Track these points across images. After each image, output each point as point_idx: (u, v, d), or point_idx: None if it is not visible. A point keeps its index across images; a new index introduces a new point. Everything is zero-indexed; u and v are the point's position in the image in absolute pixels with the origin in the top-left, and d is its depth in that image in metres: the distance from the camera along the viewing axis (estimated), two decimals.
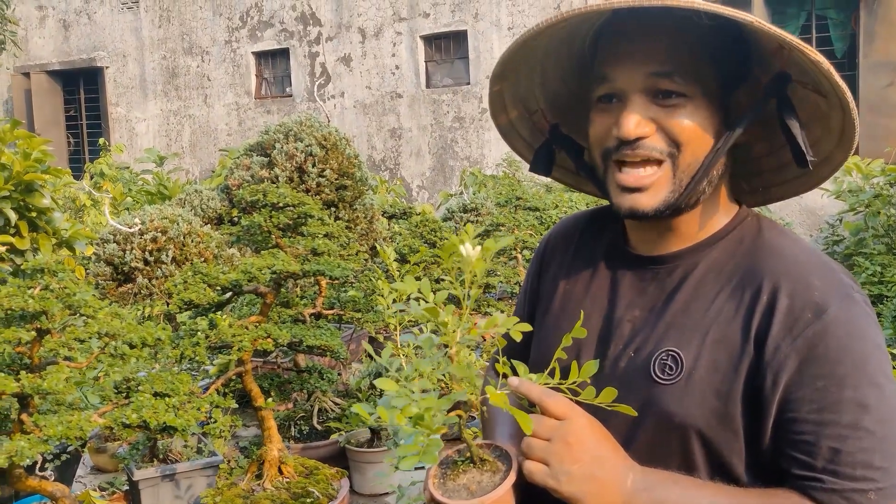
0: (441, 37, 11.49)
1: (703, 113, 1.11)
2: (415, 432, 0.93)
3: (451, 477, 1.07)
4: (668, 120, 1.11)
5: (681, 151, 1.11)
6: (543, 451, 1.04)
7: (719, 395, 1.08)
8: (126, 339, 2.25)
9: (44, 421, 2.08)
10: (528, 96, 1.32)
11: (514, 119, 1.33)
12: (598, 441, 1.06)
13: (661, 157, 1.11)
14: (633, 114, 1.10)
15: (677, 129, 1.11)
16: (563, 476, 1.03)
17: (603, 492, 1.04)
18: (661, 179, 1.12)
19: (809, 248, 1.15)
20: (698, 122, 1.11)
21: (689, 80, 1.10)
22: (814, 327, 1.04)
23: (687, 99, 1.10)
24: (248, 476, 2.80)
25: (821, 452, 1.02)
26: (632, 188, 1.13)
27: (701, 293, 1.15)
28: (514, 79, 1.26)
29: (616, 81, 1.13)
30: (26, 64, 14.52)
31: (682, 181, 1.12)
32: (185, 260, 3.92)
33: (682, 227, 1.19)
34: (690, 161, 1.11)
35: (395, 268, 3.94)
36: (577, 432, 1.04)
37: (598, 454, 1.05)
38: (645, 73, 1.11)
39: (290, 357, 3.63)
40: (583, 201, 5.34)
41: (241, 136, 12.73)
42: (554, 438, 1.04)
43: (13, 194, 2.67)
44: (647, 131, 1.10)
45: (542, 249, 1.44)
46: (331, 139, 4.97)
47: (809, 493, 1.03)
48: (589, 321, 1.26)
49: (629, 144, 1.12)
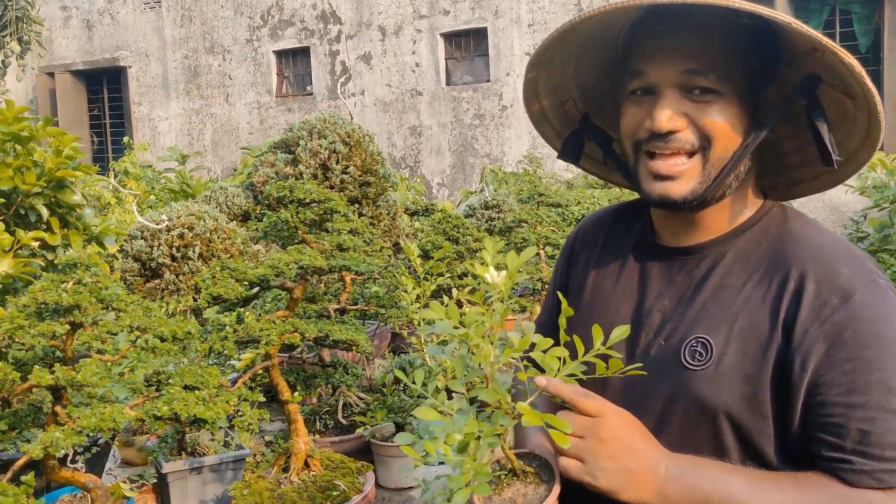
0: (461, 34, 11.49)
1: (734, 110, 1.14)
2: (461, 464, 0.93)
3: (496, 491, 1.08)
4: (701, 115, 1.13)
5: (711, 146, 1.14)
6: (578, 448, 1.07)
7: (748, 379, 1.10)
8: (157, 333, 2.28)
9: (77, 413, 2.11)
10: (561, 85, 1.34)
11: (546, 107, 1.36)
12: (630, 434, 1.08)
13: (693, 149, 1.14)
14: (666, 108, 1.13)
15: (709, 125, 1.13)
16: (599, 472, 1.06)
17: (637, 483, 1.06)
18: (692, 170, 1.15)
19: (835, 236, 1.18)
20: (729, 119, 1.13)
21: (722, 77, 1.12)
22: (841, 312, 1.06)
23: (719, 96, 1.13)
24: (275, 469, 2.83)
25: (850, 434, 1.04)
26: (663, 176, 1.16)
27: (729, 282, 1.17)
28: (549, 68, 1.28)
29: (650, 76, 1.16)
30: (50, 64, 14.67)
31: (711, 174, 1.15)
32: (211, 256, 3.96)
33: (709, 219, 1.21)
34: (721, 155, 1.14)
35: (419, 264, 3.96)
36: (610, 428, 1.06)
37: (631, 447, 1.07)
38: (679, 69, 1.13)
39: (315, 352, 3.66)
40: (605, 198, 5.34)
41: (262, 135, 12.80)
42: (587, 436, 1.06)
43: (45, 191, 2.71)
44: (679, 125, 1.13)
45: (570, 244, 1.47)
46: (354, 136, 4.99)
47: (839, 475, 1.05)
48: (619, 312, 1.29)
49: (661, 137, 1.14)
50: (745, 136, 1.14)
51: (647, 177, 1.18)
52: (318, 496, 2.72)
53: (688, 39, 1.13)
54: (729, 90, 1.13)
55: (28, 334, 2.12)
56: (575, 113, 1.37)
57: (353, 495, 2.71)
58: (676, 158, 1.15)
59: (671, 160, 1.15)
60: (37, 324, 2.15)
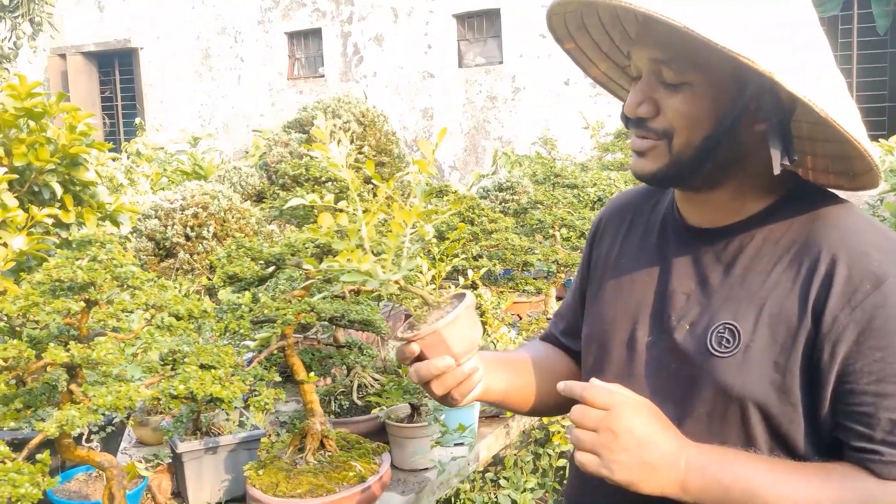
0: (474, 15, 11.40)
1: (703, 100, 1.11)
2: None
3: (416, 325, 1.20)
4: (667, 103, 1.13)
5: (674, 134, 1.13)
6: (591, 442, 1.06)
7: (777, 367, 1.07)
8: (173, 311, 2.26)
9: (93, 391, 2.10)
10: (612, 51, 1.32)
11: (606, 70, 1.36)
12: (645, 426, 1.06)
13: (657, 137, 1.15)
14: (637, 95, 1.15)
15: (671, 114, 1.12)
16: (614, 465, 1.04)
17: (656, 475, 1.04)
18: (657, 150, 1.16)
19: (868, 218, 1.14)
20: (697, 108, 1.11)
21: (689, 68, 1.10)
22: (872, 298, 1.03)
23: (688, 85, 1.11)
24: (291, 449, 2.81)
25: (879, 424, 1.01)
26: (636, 152, 1.19)
27: (757, 265, 1.14)
28: (587, 37, 1.27)
29: (634, 59, 1.17)
30: (62, 45, 14.66)
31: (681, 160, 1.14)
32: (225, 235, 3.94)
33: (721, 200, 1.19)
34: (684, 144, 1.13)
35: (434, 244, 3.92)
36: (622, 421, 1.05)
37: (646, 439, 1.05)
38: (648, 57, 1.13)
39: (330, 333, 3.64)
40: (622, 179, 5.29)
41: (273, 117, 12.77)
42: (600, 429, 1.06)
43: (59, 167, 2.69)
44: (647, 112, 1.14)
45: (595, 225, 1.46)
46: (369, 116, 4.95)
47: (868, 466, 1.02)
48: (644, 293, 1.26)
49: (634, 123, 1.17)
50: (713, 127, 1.11)
51: (631, 153, 1.22)
52: (333, 476, 2.69)
53: (650, 29, 1.12)
54: (700, 80, 1.10)
55: (42, 311, 2.10)
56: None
57: (369, 476, 2.69)
58: (646, 137, 1.16)
59: (641, 138, 1.17)
60: (51, 301, 2.13)
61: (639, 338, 1.24)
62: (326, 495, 2.57)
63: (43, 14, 13.93)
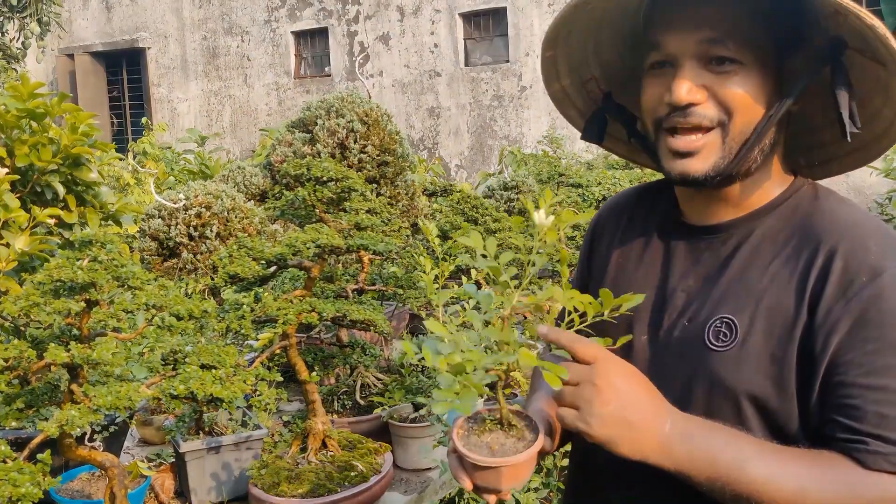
0: (480, 14, 11.39)
1: (756, 80, 1.09)
2: (453, 380, 0.92)
3: (477, 432, 1.08)
4: (720, 87, 1.09)
5: (731, 119, 1.10)
6: (573, 395, 1.03)
7: (774, 360, 1.07)
8: (173, 311, 2.26)
9: (93, 391, 2.10)
10: (582, 64, 1.30)
11: (567, 87, 1.33)
12: (630, 384, 1.03)
13: (712, 124, 1.10)
14: (685, 80, 1.09)
15: (729, 97, 1.09)
16: (593, 419, 1.01)
17: (637, 436, 1.01)
18: (711, 145, 1.11)
19: (867, 213, 1.13)
20: (750, 90, 1.09)
21: (742, 46, 1.08)
22: (868, 290, 1.02)
23: (740, 66, 1.09)
24: (293, 449, 2.81)
25: (867, 417, 1.00)
26: (683, 153, 1.13)
27: (756, 260, 1.13)
28: (567, 45, 1.26)
29: (668, 48, 1.12)
30: (70, 45, 14.72)
31: (733, 148, 1.11)
32: (228, 235, 3.94)
33: (734, 195, 1.18)
34: (742, 129, 1.10)
35: (437, 244, 3.92)
36: (606, 374, 1.02)
37: (630, 397, 1.02)
38: (697, 39, 1.09)
39: (333, 333, 3.64)
40: (626, 179, 5.27)
41: (280, 116, 12.78)
42: (583, 382, 1.02)
43: (61, 168, 2.69)
44: (698, 98, 1.09)
45: (593, 225, 1.44)
46: (372, 115, 4.95)
47: (853, 455, 1.01)
48: (643, 291, 1.25)
49: (681, 111, 1.11)
50: (768, 107, 1.10)
51: (668, 154, 1.15)
52: (336, 476, 2.70)
53: (703, 8, 1.09)
54: (751, 59, 1.09)
55: (43, 311, 2.11)
56: (598, 92, 1.33)
57: (372, 476, 2.69)
58: (695, 134, 1.11)
59: (690, 136, 1.12)
60: (52, 301, 2.13)
61: (638, 336, 1.23)
62: (328, 495, 2.58)
63: (51, 14, 13.98)
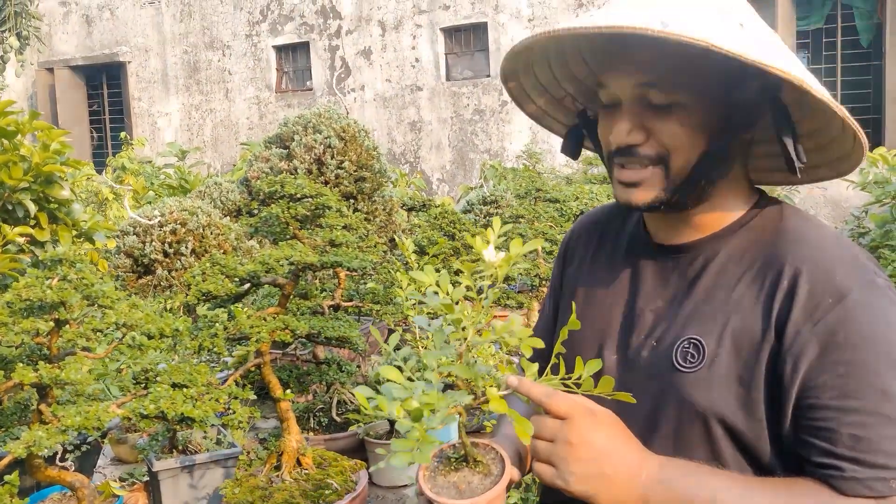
0: (461, 29, 11.44)
1: (696, 118, 1.10)
2: (411, 427, 0.91)
3: (443, 472, 1.06)
4: (659, 127, 1.11)
5: (671, 156, 1.11)
6: (547, 452, 1.04)
7: (742, 381, 1.07)
8: (144, 331, 2.25)
9: (62, 411, 2.08)
10: (551, 85, 1.31)
11: (542, 105, 1.34)
12: (604, 437, 1.04)
13: (651, 162, 1.12)
14: (625, 122, 1.12)
15: (666, 137, 1.11)
16: (570, 476, 1.02)
17: (614, 488, 1.03)
18: (654, 177, 1.13)
19: (833, 233, 1.14)
20: (690, 127, 1.10)
21: (679, 87, 1.09)
22: (835, 313, 1.02)
23: (678, 105, 1.10)
24: (267, 468, 2.80)
25: (841, 440, 1.00)
26: (627, 183, 1.15)
27: (722, 281, 1.14)
28: (528, 75, 1.27)
29: (611, 88, 1.14)
30: (50, 59, 14.64)
31: (676, 181, 1.13)
32: (204, 252, 3.92)
33: (697, 218, 1.19)
34: (682, 164, 1.12)
35: (414, 260, 3.92)
36: (579, 431, 1.03)
37: (604, 451, 1.03)
38: (633, 82, 1.11)
39: (310, 349, 3.63)
40: (604, 193, 5.30)
41: (262, 130, 12.76)
42: (557, 439, 1.03)
43: (33, 186, 2.68)
44: (638, 139, 1.12)
45: (565, 244, 1.45)
46: (350, 131, 4.95)
47: (829, 482, 1.01)
48: (612, 312, 1.26)
49: (622, 152, 1.14)
50: (711, 141, 1.11)
51: (616, 183, 1.18)
52: (310, 494, 2.68)
53: (635, 54, 1.11)
54: (690, 98, 1.09)
55: (11, 331, 2.09)
56: (572, 108, 1.35)
57: (346, 493, 2.68)
58: (638, 167, 1.14)
59: (633, 169, 1.14)
60: (21, 321, 2.12)
61: (606, 357, 1.23)
62: None
63: (30, 28, 13.93)
